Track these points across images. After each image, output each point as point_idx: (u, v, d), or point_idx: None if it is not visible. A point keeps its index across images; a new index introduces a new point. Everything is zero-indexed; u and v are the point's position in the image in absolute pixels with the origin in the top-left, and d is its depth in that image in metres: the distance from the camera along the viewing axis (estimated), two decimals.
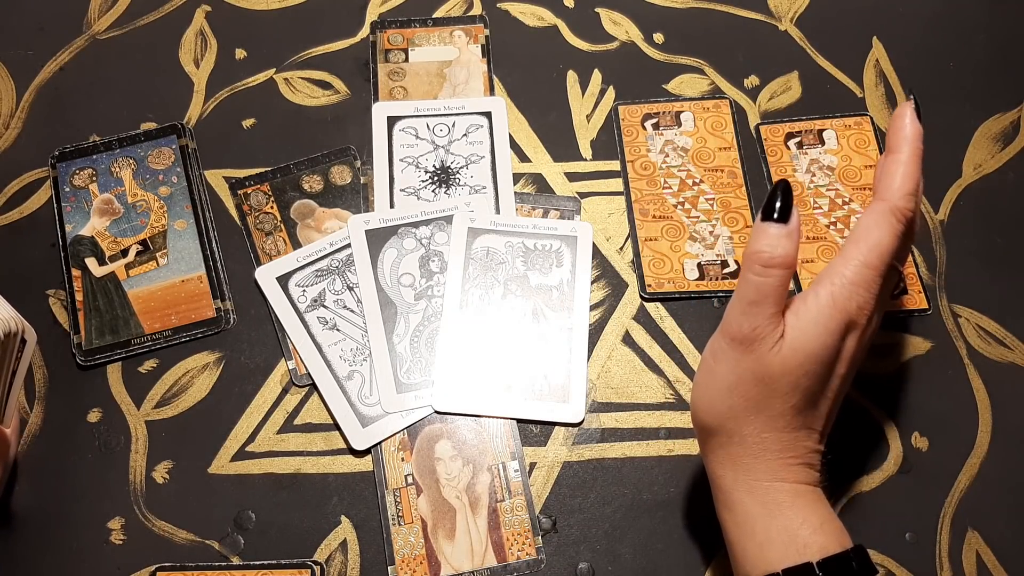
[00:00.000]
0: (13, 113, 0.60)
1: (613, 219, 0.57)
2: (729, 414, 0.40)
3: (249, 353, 0.53)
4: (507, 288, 0.54)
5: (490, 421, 0.51)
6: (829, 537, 0.38)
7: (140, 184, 0.57)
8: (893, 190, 0.40)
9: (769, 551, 0.39)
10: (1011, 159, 0.60)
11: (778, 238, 0.39)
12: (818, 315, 0.38)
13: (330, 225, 0.56)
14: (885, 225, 0.39)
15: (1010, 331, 0.54)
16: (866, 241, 0.39)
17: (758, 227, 0.40)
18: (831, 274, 0.39)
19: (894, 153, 0.41)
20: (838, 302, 0.38)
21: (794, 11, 0.65)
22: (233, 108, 0.60)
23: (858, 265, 0.39)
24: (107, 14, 0.64)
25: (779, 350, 0.38)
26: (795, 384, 0.39)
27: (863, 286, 0.39)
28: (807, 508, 0.39)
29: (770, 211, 0.40)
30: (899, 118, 0.42)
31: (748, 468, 0.40)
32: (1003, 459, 0.51)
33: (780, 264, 0.39)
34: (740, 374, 0.39)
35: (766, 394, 0.39)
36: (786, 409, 0.39)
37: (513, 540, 0.48)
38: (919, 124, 0.41)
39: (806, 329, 0.38)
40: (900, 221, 0.40)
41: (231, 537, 0.48)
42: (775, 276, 0.39)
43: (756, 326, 0.39)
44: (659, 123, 0.60)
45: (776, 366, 0.38)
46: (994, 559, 0.48)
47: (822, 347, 0.38)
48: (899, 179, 0.40)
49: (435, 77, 0.62)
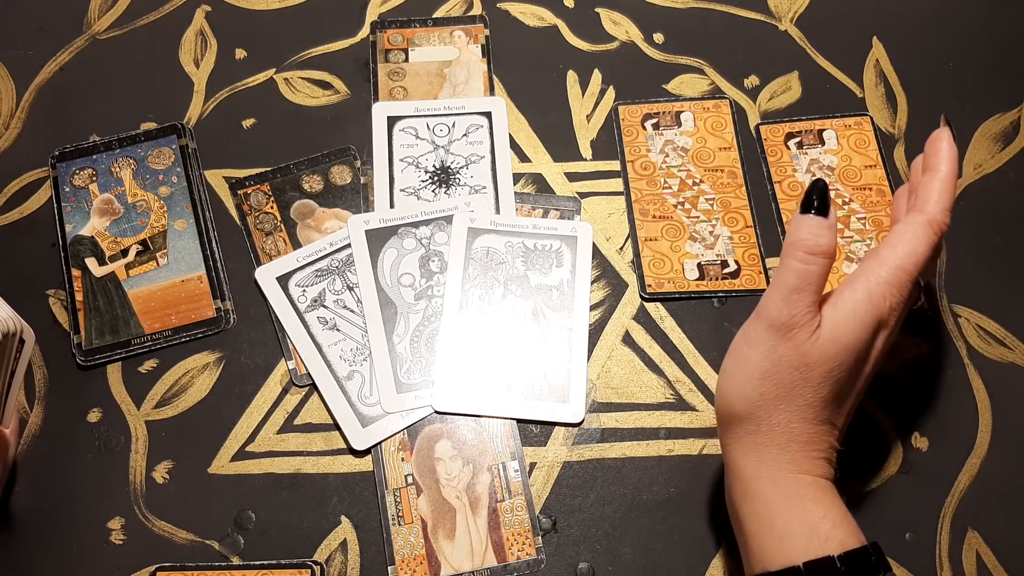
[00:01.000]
0: (13, 113, 0.60)
1: (613, 219, 0.57)
2: (760, 401, 0.40)
3: (249, 353, 0.53)
4: (507, 288, 0.54)
5: (490, 421, 0.51)
6: (848, 532, 0.39)
7: (140, 184, 0.57)
8: (932, 203, 0.42)
9: (789, 544, 0.39)
10: (1011, 159, 0.60)
11: (820, 227, 0.41)
12: (855, 309, 0.40)
13: (330, 225, 0.56)
14: (922, 235, 0.41)
15: (1010, 331, 0.54)
16: (903, 247, 0.41)
17: (798, 219, 0.41)
18: (867, 273, 0.41)
19: (934, 170, 0.44)
20: (874, 299, 0.40)
21: (794, 11, 0.65)
22: (233, 108, 0.60)
23: (894, 267, 0.41)
24: (107, 14, 0.64)
25: (817, 338, 0.40)
26: (828, 374, 0.40)
27: (896, 287, 0.40)
28: (828, 502, 0.40)
29: (809, 205, 0.41)
30: (939, 140, 0.44)
31: (773, 458, 0.40)
32: (1003, 459, 0.51)
33: (824, 252, 0.40)
34: (776, 361, 0.40)
35: (799, 382, 0.40)
36: (816, 400, 0.40)
37: (513, 540, 0.48)
38: (955, 147, 0.44)
39: (844, 321, 0.40)
40: (936, 233, 0.42)
41: (231, 537, 0.48)
42: (818, 264, 0.40)
43: (795, 313, 0.40)
44: (659, 123, 0.60)
45: (814, 354, 0.39)
46: (994, 559, 0.48)
47: (858, 340, 0.40)
48: (937, 194, 0.43)
49: (435, 77, 0.62)
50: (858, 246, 0.56)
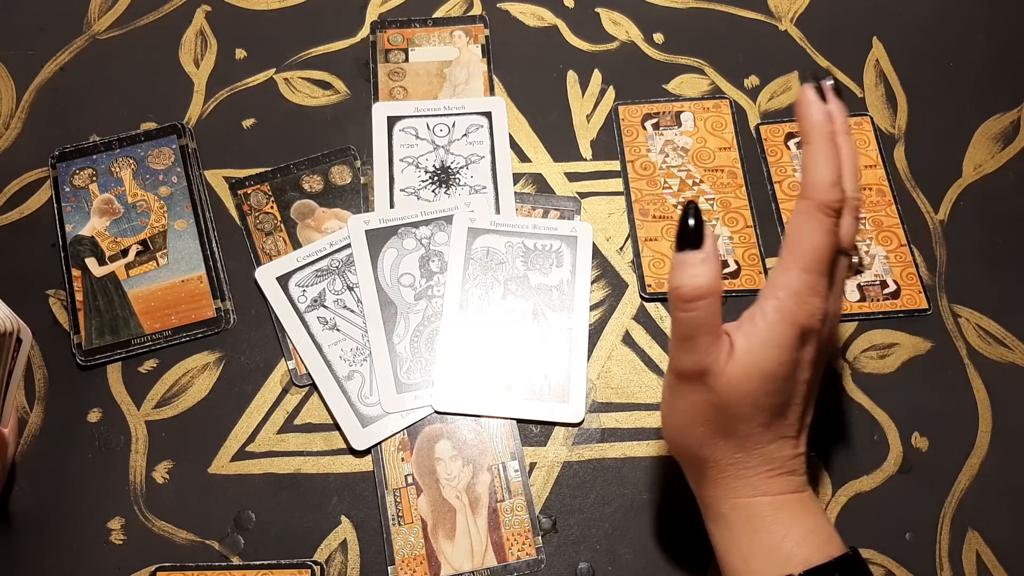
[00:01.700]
0: (13, 113, 0.60)
1: (613, 219, 0.57)
2: (698, 444, 0.40)
3: (249, 353, 0.53)
4: (507, 288, 0.54)
5: (490, 421, 0.51)
6: (812, 548, 0.38)
7: (140, 184, 0.57)
8: (814, 184, 0.38)
9: (752, 564, 0.39)
10: (1011, 159, 0.60)
11: (695, 267, 0.37)
12: (767, 334, 0.37)
13: (330, 225, 0.56)
14: (815, 224, 0.37)
15: (1010, 331, 0.54)
16: (800, 246, 0.38)
17: (675, 260, 0.38)
18: (774, 287, 0.38)
19: (806, 144, 0.39)
20: (786, 316, 0.37)
21: (794, 11, 0.65)
22: (233, 108, 0.60)
23: (798, 273, 0.37)
24: (107, 14, 0.64)
25: (729, 378, 0.38)
26: (755, 405, 0.38)
27: (808, 292, 0.37)
28: (790, 520, 0.39)
29: (683, 240, 0.38)
30: (802, 104, 0.39)
31: (728, 487, 0.40)
32: (1003, 459, 0.51)
33: (703, 294, 0.37)
34: (697, 406, 0.39)
35: (727, 420, 0.39)
36: (752, 430, 0.39)
37: (513, 540, 0.48)
38: (828, 104, 0.39)
39: (756, 351, 0.37)
40: (829, 215, 0.37)
41: (231, 537, 0.48)
42: (702, 307, 0.37)
43: (696, 359, 0.38)
44: (659, 123, 0.60)
45: (728, 392, 0.38)
46: (994, 559, 0.48)
47: (777, 364, 0.37)
48: (817, 171, 0.38)
49: (435, 77, 0.62)
50: (858, 246, 0.56)
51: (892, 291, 0.55)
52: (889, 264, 0.56)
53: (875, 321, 0.54)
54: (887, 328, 0.54)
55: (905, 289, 0.55)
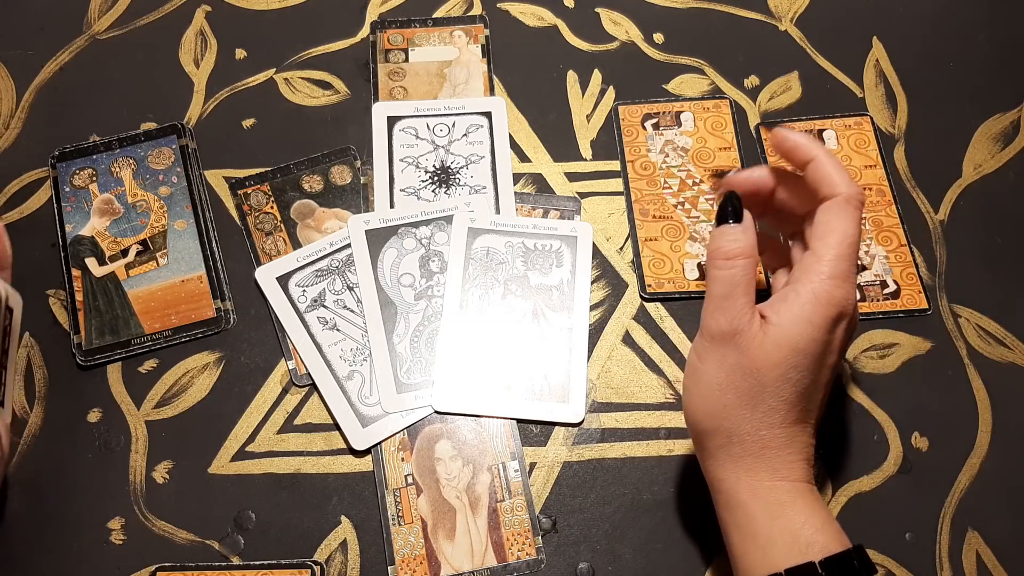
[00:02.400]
0: (13, 113, 0.60)
1: (613, 219, 0.57)
2: (724, 413, 0.41)
3: (249, 353, 0.53)
4: (507, 288, 0.54)
5: (490, 421, 0.51)
6: (830, 537, 0.39)
7: (140, 184, 0.57)
8: (838, 183, 0.42)
9: (772, 552, 0.39)
10: (1011, 159, 0.60)
11: (735, 233, 0.42)
12: (801, 312, 0.40)
13: (330, 225, 0.56)
14: (848, 215, 0.41)
15: (1010, 331, 0.54)
16: (833, 235, 0.41)
17: (714, 232, 0.43)
18: (807, 272, 0.41)
19: (811, 160, 0.43)
20: (821, 298, 0.40)
21: (794, 11, 0.65)
22: (233, 108, 0.60)
23: (833, 259, 0.40)
24: (107, 14, 0.64)
25: (761, 343, 0.40)
26: (783, 377, 0.39)
27: (842, 277, 0.40)
28: (808, 509, 0.40)
29: (724, 216, 0.43)
30: (785, 139, 0.44)
31: (749, 469, 0.40)
32: (1003, 459, 0.51)
33: (742, 254, 0.41)
34: (728, 369, 0.40)
35: (757, 388, 0.40)
36: (779, 403, 0.40)
37: (513, 540, 0.48)
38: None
39: (788, 326, 0.40)
40: (857, 207, 0.41)
41: (231, 537, 0.48)
42: (740, 266, 0.41)
43: (731, 318, 0.40)
44: (659, 123, 0.60)
45: (760, 358, 0.39)
46: (994, 559, 0.48)
47: (809, 341, 0.39)
48: (835, 173, 0.42)
49: (435, 77, 0.62)
50: None
51: (892, 291, 0.55)
52: (889, 264, 0.56)
53: (875, 321, 0.54)
54: (887, 328, 0.54)
55: (905, 289, 0.55)
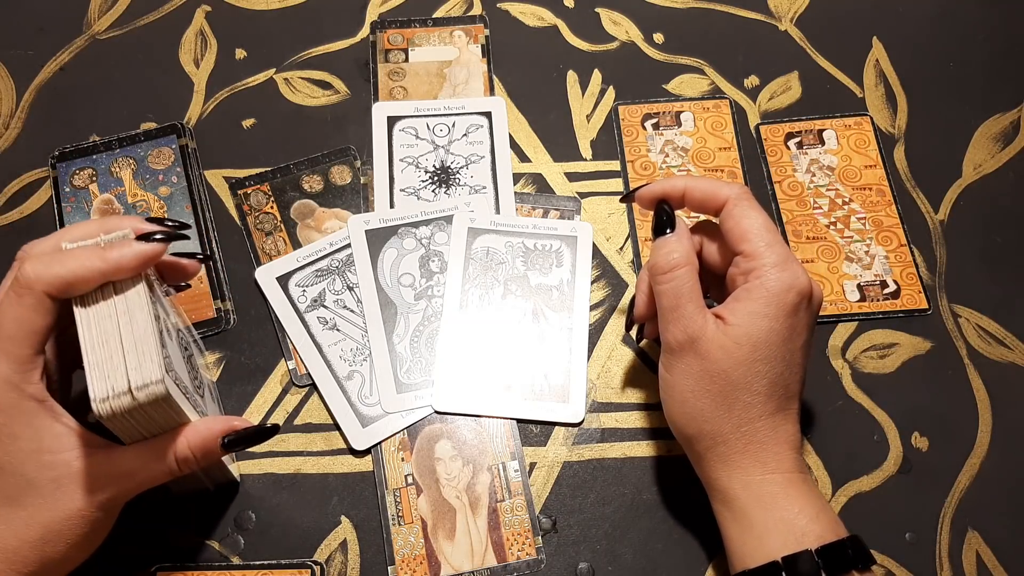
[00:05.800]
0: (13, 113, 0.60)
1: (613, 219, 0.57)
2: (702, 417, 0.42)
3: (249, 353, 0.53)
4: (507, 288, 0.54)
5: (490, 421, 0.51)
6: (825, 526, 0.39)
7: (140, 184, 0.57)
8: (718, 192, 0.43)
9: (768, 541, 0.39)
10: (1011, 159, 0.60)
11: (670, 245, 0.43)
12: (755, 306, 0.40)
13: (330, 225, 0.56)
14: (745, 211, 0.42)
15: (1010, 331, 0.54)
16: (749, 231, 0.42)
17: (652, 247, 0.44)
18: (752, 271, 0.41)
19: (681, 193, 0.45)
20: (772, 287, 0.40)
21: (794, 11, 0.65)
22: (233, 108, 0.60)
23: (765, 249, 0.41)
24: (107, 14, 0.64)
25: (722, 344, 0.40)
26: (752, 372, 0.40)
27: (783, 260, 0.41)
28: (802, 498, 0.40)
29: (660, 227, 0.44)
30: (647, 191, 0.46)
31: (739, 466, 0.41)
32: (1003, 459, 0.51)
33: (679, 264, 0.42)
34: (695, 376, 0.41)
35: (728, 388, 0.40)
36: (753, 398, 0.40)
37: (513, 540, 0.48)
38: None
39: (746, 322, 0.40)
40: (747, 199, 0.43)
41: (231, 537, 0.48)
42: (680, 276, 0.42)
43: (685, 327, 0.41)
44: (659, 123, 0.60)
45: (723, 359, 0.40)
46: (994, 559, 0.48)
47: (769, 332, 0.40)
48: (709, 187, 0.44)
49: (435, 77, 0.62)
50: (858, 246, 0.56)
51: (892, 291, 0.55)
52: (889, 264, 0.56)
53: (875, 321, 0.54)
54: (887, 328, 0.54)
55: (905, 289, 0.55)
